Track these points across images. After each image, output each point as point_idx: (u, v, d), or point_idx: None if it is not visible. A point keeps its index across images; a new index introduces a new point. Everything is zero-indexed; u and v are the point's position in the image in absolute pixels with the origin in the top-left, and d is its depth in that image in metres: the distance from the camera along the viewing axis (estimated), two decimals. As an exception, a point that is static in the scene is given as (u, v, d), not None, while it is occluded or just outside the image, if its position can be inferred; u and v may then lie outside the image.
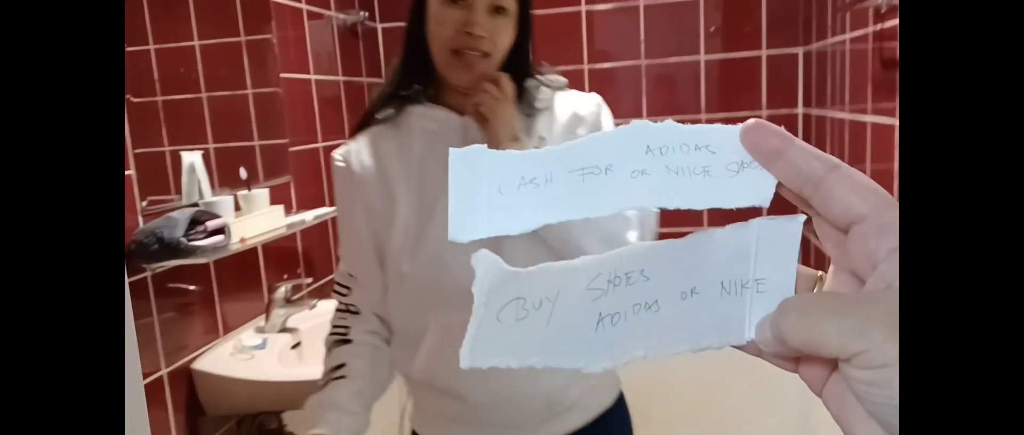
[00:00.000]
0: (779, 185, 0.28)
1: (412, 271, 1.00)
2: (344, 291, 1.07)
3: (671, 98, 2.42)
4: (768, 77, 2.35)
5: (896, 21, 1.43)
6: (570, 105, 1.04)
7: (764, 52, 2.34)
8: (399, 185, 0.99)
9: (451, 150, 0.29)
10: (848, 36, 1.78)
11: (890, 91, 1.48)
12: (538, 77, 1.03)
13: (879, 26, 1.53)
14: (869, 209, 0.26)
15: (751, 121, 0.28)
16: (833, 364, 0.27)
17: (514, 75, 0.98)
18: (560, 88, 1.04)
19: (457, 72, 0.96)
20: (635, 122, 0.29)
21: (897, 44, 1.44)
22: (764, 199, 0.28)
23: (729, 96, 2.39)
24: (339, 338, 1.08)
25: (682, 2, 2.35)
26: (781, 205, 0.29)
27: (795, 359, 0.28)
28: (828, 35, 1.99)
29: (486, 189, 0.29)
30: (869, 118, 1.62)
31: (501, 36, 0.96)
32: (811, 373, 0.28)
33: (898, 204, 0.27)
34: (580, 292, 0.30)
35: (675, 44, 2.38)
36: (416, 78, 1.02)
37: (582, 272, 0.30)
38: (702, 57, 2.38)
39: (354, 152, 1.02)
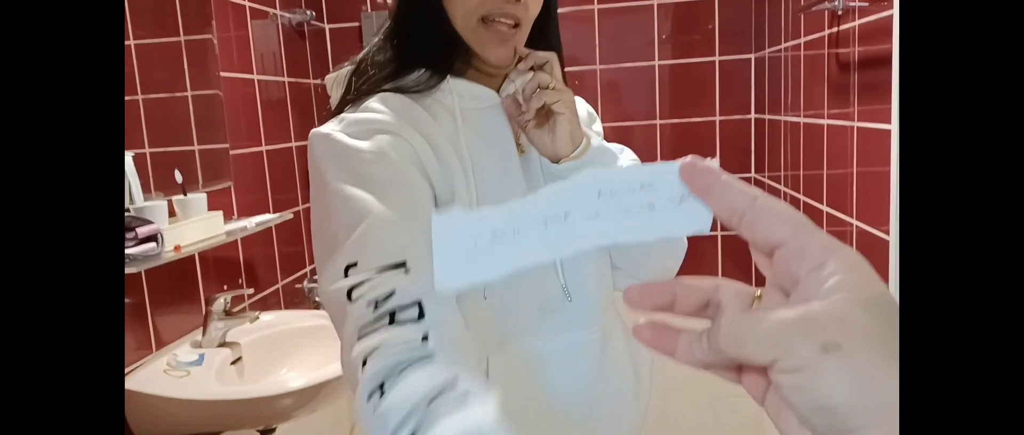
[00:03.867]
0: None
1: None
2: (395, 280, 0.67)
3: (625, 104, 2.40)
4: (721, 83, 2.35)
5: (853, 24, 1.42)
6: (577, 101, 0.98)
7: (717, 58, 2.34)
8: (452, 162, 0.79)
9: (433, 216, 0.33)
10: (803, 40, 1.77)
11: (846, 94, 1.47)
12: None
13: (835, 29, 1.52)
14: (787, 235, 0.30)
15: (687, 159, 0.32)
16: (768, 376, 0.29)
17: (557, 50, 0.88)
18: None
19: (490, 45, 0.80)
20: (587, 171, 0.33)
21: (853, 47, 1.43)
22: (703, 227, 0.32)
23: (683, 102, 2.38)
24: (407, 360, 0.64)
25: (635, 8, 2.34)
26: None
27: (737, 371, 0.32)
28: (781, 41, 1.99)
29: (462, 246, 0.34)
30: (825, 121, 1.61)
31: (533, 2, 0.81)
32: (751, 383, 0.31)
33: (816, 228, 0.30)
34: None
35: (629, 50, 2.36)
36: (424, 58, 0.83)
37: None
38: (656, 63, 2.37)
39: (368, 112, 0.77)
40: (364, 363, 0.64)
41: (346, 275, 0.69)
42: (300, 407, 1.43)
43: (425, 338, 0.65)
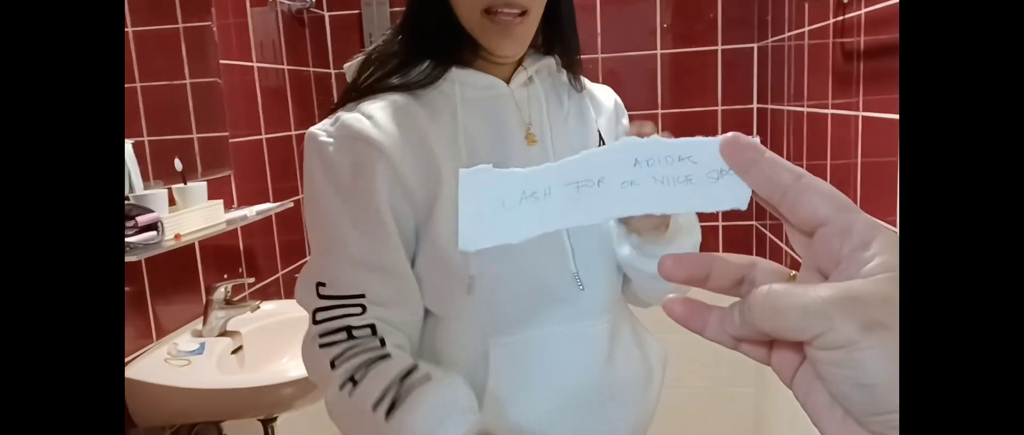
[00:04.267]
0: (753, 192, 0.31)
1: (484, 270, 0.80)
2: (353, 309, 0.81)
3: (626, 93, 2.38)
4: (723, 72, 2.34)
5: (858, 12, 1.41)
6: (602, 91, 0.97)
7: (719, 47, 2.33)
8: (444, 159, 0.80)
9: (461, 171, 0.33)
10: (807, 29, 1.76)
11: (851, 84, 1.46)
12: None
13: (841, 18, 1.51)
14: (830, 214, 0.30)
15: (730, 134, 0.31)
16: (801, 353, 0.29)
17: (563, 43, 0.87)
18: None
19: (495, 37, 0.79)
20: (625, 139, 0.33)
21: (859, 37, 1.42)
22: (741, 202, 0.32)
23: (685, 91, 2.37)
24: (372, 358, 0.79)
25: (638, -4, 2.32)
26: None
27: (767, 348, 0.31)
28: (784, 29, 1.97)
29: (491, 204, 0.33)
30: (830, 111, 1.60)
31: None
32: (781, 361, 0.31)
33: (858, 208, 0.30)
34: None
35: (631, 39, 2.35)
36: (430, 50, 0.83)
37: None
38: (658, 52, 2.35)
39: (361, 122, 0.79)
40: (333, 365, 0.79)
41: (317, 292, 0.82)
42: (301, 397, 1.42)
43: (383, 343, 0.80)
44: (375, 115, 0.80)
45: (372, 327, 0.81)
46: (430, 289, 0.85)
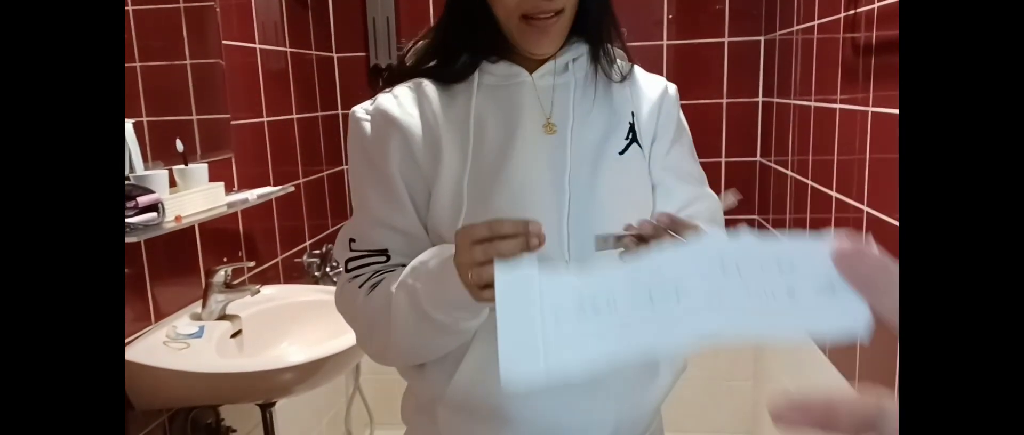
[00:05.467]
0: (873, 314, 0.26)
1: None
2: (379, 258, 0.87)
3: (632, 84, 2.37)
4: (729, 65, 2.32)
5: (871, 7, 1.39)
6: (652, 81, 0.94)
7: (726, 39, 2.31)
8: (446, 141, 0.85)
9: (497, 265, 0.27)
10: (816, 22, 1.74)
11: (860, 79, 1.45)
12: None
13: (851, 12, 1.50)
14: None
15: (846, 243, 0.25)
16: None
17: (597, 30, 0.87)
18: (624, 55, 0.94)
19: (534, 41, 0.83)
20: (707, 236, 0.27)
21: (870, 31, 1.41)
22: (859, 329, 0.25)
23: (690, 83, 2.35)
24: (390, 269, 0.86)
25: (645, -15, 2.30)
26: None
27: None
28: (793, 23, 1.96)
29: (540, 320, 0.25)
30: (838, 106, 1.59)
31: None
32: None
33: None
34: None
35: (636, 29, 2.32)
36: (465, 45, 0.87)
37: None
38: (664, 42, 2.33)
39: (388, 101, 0.87)
40: (360, 285, 0.86)
41: (349, 246, 0.89)
42: (301, 382, 1.41)
43: (401, 266, 0.85)
44: (400, 96, 0.88)
45: (398, 267, 0.87)
46: None
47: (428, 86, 0.88)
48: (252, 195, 1.62)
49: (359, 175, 0.90)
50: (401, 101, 0.87)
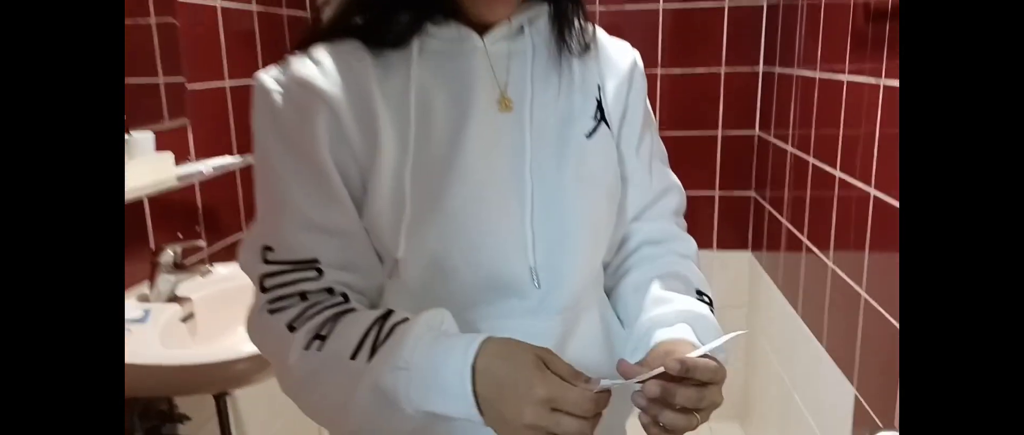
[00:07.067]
0: None
1: (413, 256, 0.70)
2: (306, 273, 0.70)
3: (625, 50, 2.23)
4: (729, 31, 2.18)
5: (886, -33, 1.26)
6: (619, 49, 0.81)
7: (726, 4, 2.17)
8: (384, 121, 0.68)
9: None
10: (824, -14, 1.61)
11: (870, 48, 1.32)
12: None
13: (864, -27, 1.36)
14: None
15: None
16: None
17: None
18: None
19: (485, 3, 0.69)
20: None
21: (885, -6, 1.27)
22: None
23: (687, 50, 2.21)
24: (338, 312, 0.69)
25: (641, -56, 2.15)
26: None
27: None
28: (798, -14, 1.82)
29: None
30: (846, 77, 1.46)
31: None
32: None
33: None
34: None
35: (631, -10, 2.18)
36: (411, 1, 0.70)
37: None
38: (660, 6, 2.19)
39: (307, 67, 0.69)
40: (292, 327, 0.68)
41: (263, 257, 0.70)
42: (259, 371, 1.30)
43: (346, 298, 0.71)
44: (322, 61, 0.70)
45: (330, 289, 0.71)
46: None
47: (357, 49, 0.70)
48: (207, 166, 1.49)
49: (273, 163, 0.70)
50: (324, 68, 0.69)
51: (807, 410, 1.71)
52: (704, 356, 0.64)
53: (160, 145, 1.43)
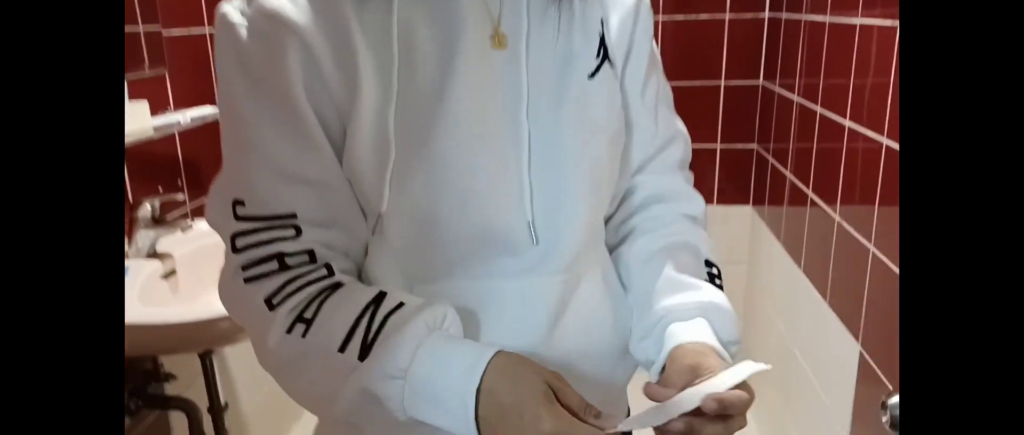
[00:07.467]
0: None
1: (398, 208, 0.63)
2: (283, 232, 0.63)
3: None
4: (734, -25, 2.09)
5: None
6: None
7: (731, -54, 2.07)
8: (364, 59, 0.61)
9: None
10: (837, -77, 1.51)
11: (889, -12, 1.24)
12: None
13: (882, -93, 1.27)
14: None
15: None
16: None
17: None
18: None
19: None
20: None
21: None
22: None
23: (690, -5, 2.12)
24: (323, 288, 0.63)
25: None
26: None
27: None
28: (809, -75, 1.72)
29: None
30: (858, 20, 1.38)
31: None
32: None
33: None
34: None
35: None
36: None
37: None
38: (662, -52, 2.09)
39: (276, 3, 0.60)
40: (271, 304, 0.62)
41: (234, 212, 0.63)
42: (243, 330, 1.25)
43: (330, 270, 0.64)
44: None
45: (310, 253, 0.64)
46: None
47: None
48: (185, 117, 1.42)
49: (240, 105, 0.62)
50: (300, 7, 0.61)
51: (809, 368, 1.67)
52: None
53: (136, 95, 1.36)
